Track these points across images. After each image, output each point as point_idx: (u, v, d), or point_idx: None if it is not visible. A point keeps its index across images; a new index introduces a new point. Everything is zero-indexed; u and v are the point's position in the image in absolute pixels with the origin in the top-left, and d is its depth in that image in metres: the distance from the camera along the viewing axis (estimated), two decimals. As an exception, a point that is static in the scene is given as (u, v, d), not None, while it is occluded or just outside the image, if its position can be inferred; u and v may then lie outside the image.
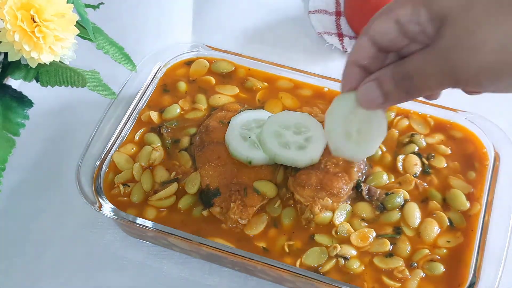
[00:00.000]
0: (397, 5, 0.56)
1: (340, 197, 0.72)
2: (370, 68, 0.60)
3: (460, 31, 0.52)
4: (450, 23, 0.53)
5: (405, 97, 0.58)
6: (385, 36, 0.57)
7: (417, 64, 0.56)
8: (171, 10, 1.05)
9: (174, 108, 0.82)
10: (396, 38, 0.57)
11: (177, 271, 0.75)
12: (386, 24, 0.57)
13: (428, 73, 0.55)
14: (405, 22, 0.55)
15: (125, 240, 0.78)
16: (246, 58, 0.87)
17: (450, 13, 0.53)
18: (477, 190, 0.74)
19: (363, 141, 0.66)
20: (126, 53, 0.73)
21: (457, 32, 0.52)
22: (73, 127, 0.89)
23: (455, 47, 0.52)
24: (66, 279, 0.75)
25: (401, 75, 0.57)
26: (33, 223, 0.79)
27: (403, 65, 0.57)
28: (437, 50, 0.54)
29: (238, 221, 0.71)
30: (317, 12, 1.03)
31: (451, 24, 0.53)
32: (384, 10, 0.57)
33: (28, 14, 0.59)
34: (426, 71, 0.55)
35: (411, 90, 0.57)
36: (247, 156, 0.72)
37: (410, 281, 0.67)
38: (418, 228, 0.71)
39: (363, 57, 0.60)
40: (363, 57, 0.60)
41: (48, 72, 0.64)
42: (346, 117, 0.65)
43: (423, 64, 0.55)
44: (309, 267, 0.68)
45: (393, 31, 0.56)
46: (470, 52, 0.51)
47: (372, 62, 0.60)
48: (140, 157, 0.77)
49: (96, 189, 0.73)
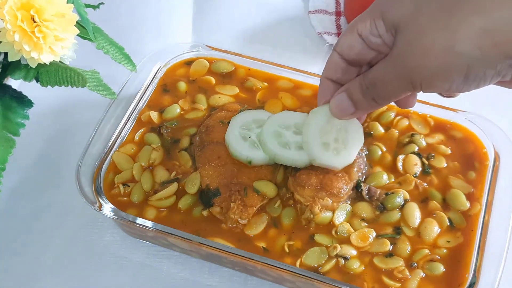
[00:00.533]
0: (359, 20, 0.61)
1: (340, 197, 0.72)
2: (342, 81, 0.65)
3: (410, 37, 0.56)
4: (402, 30, 0.57)
5: (374, 105, 0.62)
6: (351, 50, 0.62)
7: (378, 72, 0.60)
8: (171, 10, 1.05)
9: (174, 108, 0.82)
10: (362, 51, 0.62)
11: (177, 271, 0.75)
12: (350, 39, 0.62)
13: (388, 80, 0.59)
14: (366, 35, 0.60)
15: (125, 240, 0.78)
16: (246, 58, 0.87)
17: (401, 21, 0.57)
18: (477, 190, 0.74)
19: (342, 149, 0.71)
20: (126, 53, 0.73)
21: (408, 38, 0.56)
22: (73, 127, 0.89)
23: (407, 52, 0.56)
24: (66, 279, 0.75)
25: (366, 84, 0.61)
26: (33, 223, 0.80)
27: (368, 74, 0.61)
28: (393, 57, 0.58)
29: (238, 221, 0.71)
30: (317, 12, 1.03)
31: (402, 32, 0.57)
32: (349, 26, 0.62)
33: (28, 14, 0.59)
34: (386, 78, 0.59)
35: (377, 97, 0.61)
36: (247, 156, 0.72)
37: (410, 281, 0.67)
38: (418, 228, 0.71)
39: (334, 71, 0.65)
40: (334, 72, 0.65)
41: (48, 72, 0.64)
42: (323, 128, 0.70)
43: (383, 71, 0.59)
44: (309, 267, 0.68)
45: (357, 44, 0.61)
46: (420, 57, 0.55)
47: (344, 75, 0.65)
48: (140, 157, 0.77)
49: (96, 189, 0.73)
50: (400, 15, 0.57)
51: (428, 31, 0.54)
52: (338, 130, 0.70)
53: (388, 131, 0.79)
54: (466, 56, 0.52)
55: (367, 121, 0.80)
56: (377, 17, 0.59)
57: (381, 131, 0.79)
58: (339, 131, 0.70)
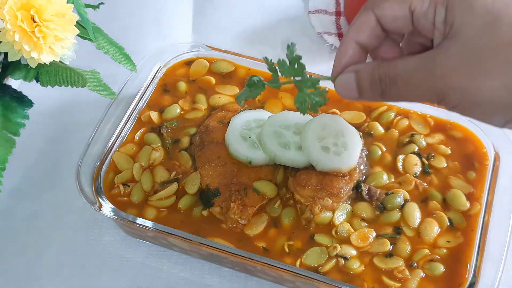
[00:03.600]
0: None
1: (340, 197, 0.72)
2: (369, 46, 0.59)
3: (467, 50, 0.50)
4: (461, 37, 0.51)
5: (380, 99, 0.57)
6: (393, 21, 0.55)
7: (406, 70, 0.53)
8: (171, 10, 1.05)
9: (174, 108, 0.82)
10: (404, 26, 0.55)
11: (177, 271, 0.75)
12: (398, 10, 0.55)
13: (414, 83, 0.53)
14: (419, 15, 0.54)
15: (125, 240, 0.78)
16: (246, 58, 0.87)
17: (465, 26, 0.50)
18: (477, 190, 0.74)
19: (342, 152, 0.71)
20: (126, 53, 0.73)
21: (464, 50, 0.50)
22: (73, 127, 0.89)
23: (456, 69, 0.50)
24: (66, 279, 0.75)
25: (379, 76, 0.55)
26: (33, 223, 0.80)
27: (389, 66, 0.55)
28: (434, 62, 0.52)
29: (238, 221, 0.71)
30: (317, 12, 1.03)
31: (461, 39, 0.50)
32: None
33: (28, 14, 0.59)
34: (412, 81, 0.53)
35: (389, 94, 0.56)
36: (247, 156, 0.72)
37: (410, 281, 0.67)
38: (418, 228, 0.71)
39: (365, 34, 0.57)
40: (365, 35, 0.58)
41: (48, 72, 0.64)
42: (319, 134, 0.71)
43: (412, 71, 0.53)
44: (309, 267, 0.68)
45: (403, 19, 0.55)
46: (471, 81, 0.49)
47: (373, 41, 0.58)
48: (140, 157, 0.77)
49: (96, 189, 0.73)
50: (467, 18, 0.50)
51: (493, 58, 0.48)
52: (335, 135, 0.72)
53: (388, 131, 0.79)
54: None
55: (367, 121, 0.80)
56: (440, 2, 0.52)
57: (381, 131, 0.79)
58: (336, 137, 0.72)
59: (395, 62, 0.54)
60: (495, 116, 0.51)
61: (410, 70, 0.53)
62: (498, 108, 0.50)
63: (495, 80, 0.49)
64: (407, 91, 0.54)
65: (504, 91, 0.48)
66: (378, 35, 0.57)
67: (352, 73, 0.58)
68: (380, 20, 0.56)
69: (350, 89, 0.58)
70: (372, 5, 0.56)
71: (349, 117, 0.80)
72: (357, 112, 0.81)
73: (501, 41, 0.49)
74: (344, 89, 0.59)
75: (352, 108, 0.81)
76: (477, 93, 0.49)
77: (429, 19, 0.53)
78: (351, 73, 0.58)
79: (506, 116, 0.50)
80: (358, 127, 0.78)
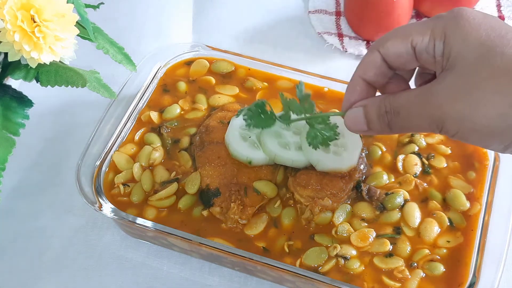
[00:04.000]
0: (416, 31, 0.56)
1: (340, 197, 0.72)
2: (376, 84, 0.61)
3: (462, 82, 0.52)
4: (456, 69, 0.53)
5: (388, 131, 0.59)
6: (397, 58, 0.58)
7: (408, 102, 0.56)
8: (171, 10, 1.05)
9: (174, 108, 0.82)
10: (409, 62, 0.58)
11: (177, 271, 0.75)
12: (401, 47, 0.57)
13: (414, 114, 0.55)
14: (421, 50, 0.56)
15: (125, 240, 0.78)
16: (246, 58, 0.87)
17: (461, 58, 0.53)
18: (477, 190, 0.74)
19: (342, 152, 0.71)
20: (126, 53, 0.73)
21: (459, 82, 0.52)
22: (73, 127, 0.89)
23: (452, 98, 0.52)
24: (66, 279, 0.75)
25: (387, 108, 0.58)
26: (33, 223, 0.80)
27: (394, 99, 0.57)
28: (431, 93, 0.54)
29: (238, 221, 0.71)
30: (317, 12, 1.03)
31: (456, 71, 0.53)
32: (401, 33, 0.57)
33: (28, 14, 0.59)
34: (413, 112, 0.55)
35: (394, 125, 0.58)
36: (247, 156, 0.72)
37: (410, 281, 0.67)
38: (418, 228, 0.71)
39: (371, 72, 0.60)
40: (371, 72, 0.60)
41: (48, 72, 0.64)
42: None
43: (413, 103, 0.56)
44: (309, 267, 0.68)
45: (407, 55, 0.57)
46: (466, 109, 0.51)
47: (380, 78, 0.60)
48: (140, 157, 0.77)
49: (96, 189, 0.73)
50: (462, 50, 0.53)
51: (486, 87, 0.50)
52: None
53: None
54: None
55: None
56: (438, 36, 0.54)
57: (381, 131, 0.79)
58: None
59: (399, 94, 0.57)
60: (492, 142, 0.53)
61: (410, 101, 0.56)
62: (494, 135, 0.52)
63: (488, 108, 0.51)
64: (410, 122, 0.56)
65: (497, 119, 0.50)
66: (384, 72, 0.60)
67: (360, 108, 0.60)
68: (385, 58, 0.58)
69: (359, 122, 0.61)
70: (377, 45, 0.59)
71: (349, 117, 0.80)
72: (357, 112, 0.81)
73: (493, 71, 0.51)
74: (353, 123, 0.61)
75: (352, 108, 0.81)
76: (472, 121, 0.51)
77: (430, 53, 0.55)
78: (359, 107, 0.61)
79: (503, 142, 0.52)
80: (358, 127, 0.78)
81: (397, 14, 0.93)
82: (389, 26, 0.94)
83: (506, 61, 0.51)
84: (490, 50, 0.51)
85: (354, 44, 0.98)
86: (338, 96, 0.83)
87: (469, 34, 0.53)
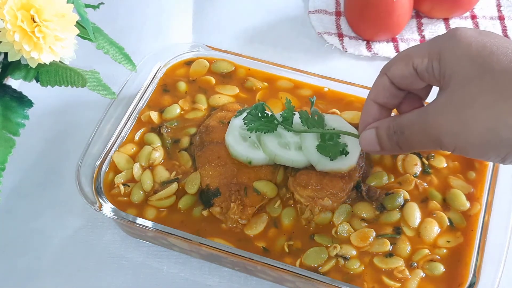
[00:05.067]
0: (416, 54, 0.60)
1: (340, 197, 0.72)
2: (389, 105, 0.65)
3: (454, 100, 0.55)
4: (450, 87, 0.56)
5: (398, 150, 0.62)
6: (403, 80, 0.62)
7: (410, 121, 0.60)
8: (171, 10, 1.05)
9: (174, 108, 0.82)
10: (414, 82, 0.61)
11: (177, 271, 0.75)
12: (404, 70, 0.61)
13: (416, 133, 0.59)
14: (422, 71, 0.59)
15: (125, 240, 0.78)
16: (246, 58, 0.87)
17: (454, 77, 0.56)
18: (477, 190, 0.74)
19: None
20: (126, 53, 0.73)
21: (452, 100, 0.55)
22: (73, 127, 0.89)
23: (445, 116, 0.55)
24: (66, 279, 0.75)
25: (393, 129, 0.61)
26: (33, 223, 0.80)
27: (398, 119, 0.61)
28: (428, 113, 0.57)
29: (238, 221, 0.71)
30: (317, 12, 1.03)
31: (450, 90, 0.56)
32: (403, 56, 0.61)
33: (28, 14, 0.59)
34: (415, 130, 0.59)
35: (402, 144, 0.61)
36: (247, 156, 0.72)
37: (410, 281, 0.67)
38: (418, 228, 0.71)
39: (382, 95, 0.64)
40: (382, 96, 0.64)
41: (48, 72, 0.64)
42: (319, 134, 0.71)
43: (414, 122, 0.59)
44: (309, 267, 0.68)
45: (411, 76, 0.61)
46: (459, 126, 0.54)
47: (391, 100, 0.64)
48: (140, 157, 0.77)
49: (96, 189, 0.73)
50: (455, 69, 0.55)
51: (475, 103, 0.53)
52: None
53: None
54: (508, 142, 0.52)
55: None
56: (435, 57, 0.57)
57: (381, 131, 0.79)
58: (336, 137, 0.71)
59: (404, 115, 0.61)
60: (490, 156, 0.55)
61: (411, 121, 0.59)
62: (489, 148, 0.54)
63: (478, 124, 0.53)
64: (414, 141, 0.60)
65: (487, 134, 0.53)
66: (394, 94, 0.64)
67: (373, 129, 0.64)
68: (393, 80, 0.62)
69: (372, 143, 0.64)
70: (385, 69, 0.63)
71: (349, 117, 0.80)
72: (357, 112, 0.81)
73: (483, 88, 0.53)
74: (367, 144, 0.65)
75: (352, 108, 0.81)
76: (466, 136, 0.54)
77: (430, 73, 0.59)
78: (372, 129, 0.64)
79: (499, 155, 0.54)
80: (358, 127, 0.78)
81: (397, 14, 0.93)
82: (389, 26, 0.95)
83: (496, 77, 0.53)
84: (480, 67, 0.54)
85: (354, 44, 0.98)
86: (338, 96, 0.83)
87: (461, 53, 0.55)
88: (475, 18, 1.01)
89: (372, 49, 0.97)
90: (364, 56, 0.97)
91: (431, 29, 1.00)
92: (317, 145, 0.71)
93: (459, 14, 1.00)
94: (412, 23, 1.01)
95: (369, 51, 0.97)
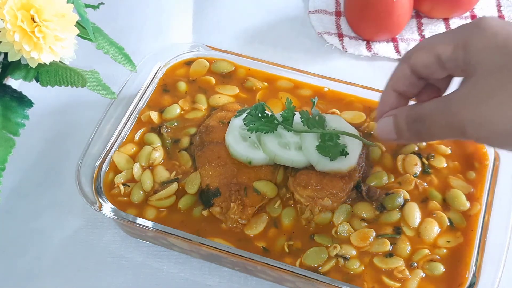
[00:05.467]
0: (440, 41, 0.59)
1: (340, 197, 0.72)
2: (408, 94, 0.64)
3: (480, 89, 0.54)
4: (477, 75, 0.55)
5: (416, 139, 0.62)
6: (425, 69, 0.60)
7: (432, 110, 0.58)
8: (171, 10, 1.05)
9: (174, 108, 0.82)
10: (435, 71, 0.60)
11: (177, 271, 0.75)
12: (427, 59, 0.60)
13: (438, 122, 0.58)
14: (446, 59, 0.58)
15: (125, 240, 0.78)
16: (246, 58, 0.87)
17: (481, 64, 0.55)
18: (477, 190, 0.74)
19: None
20: (126, 53, 0.73)
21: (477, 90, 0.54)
22: (73, 127, 0.89)
23: (470, 103, 0.54)
24: (66, 279, 0.75)
25: (413, 118, 0.60)
26: (33, 223, 0.80)
27: (420, 109, 0.60)
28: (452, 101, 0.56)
29: (238, 221, 0.71)
30: (317, 12, 1.03)
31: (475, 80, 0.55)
32: (426, 44, 0.60)
33: (28, 14, 0.59)
34: (437, 120, 0.58)
35: (422, 134, 0.60)
36: (247, 156, 0.72)
37: (410, 281, 0.67)
38: (418, 228, 0.71)
39: (402, 84, 0.63)
40: (402, 84, 0.63)
41: (48, 72, 0.64)
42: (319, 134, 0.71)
43: (435, 111, 0.58)
44: (309, 267, 0.68)
45: (434, 65, 0.59)
46: (486, 113, 0.53)
47: (411, 89, 0.63)
48: (140, 157, 0.77)
49: (96, 189, 0.73)
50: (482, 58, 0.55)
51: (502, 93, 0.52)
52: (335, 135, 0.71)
53: (388, 131, 0.79)
54: None
55: (367, 121, 0.80)
56: (460, 46, 0.56)
57: (381, 131, 0.79)
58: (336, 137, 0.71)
59: (425, 103, 0.59)
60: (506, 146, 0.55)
61: (433, 109, 0.58)
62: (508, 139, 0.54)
63: (504, 114, 0.52)
64: (435, 129, 0.59)
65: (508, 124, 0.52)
66: (414, 83, 0.62)
67: (391, 117, 0.63)
68: (414, 69, 0.61)
69: (388, 132, 0.63)
70: (405, 58, 0.62)
71: (349, 117, 0.80)
72: (357, 112, 0.81)
73: (510, 78, 0.52)
74: (383, 132, 0.64)
75: (352, 108, 0.81)
76: (491, 126, 0.53)
77: (454, 62, 0.57)
78: (389, 117, 0.63)
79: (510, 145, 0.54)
80: (358, 127, 0.78)
81: (397, 14, 0.93)
82: (389, 26, 0.95)
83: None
84: (507, 57, 0.53)
85: (354, 44, 0.98)
86: (338, 96, 0.83)
87: (488, 42, 0.54)
88: (475, 18, 1.01)
89: (372, 49, 0.97)
90: (364, 56, 0.97)
91: (431, 29, 1.00)
92: (317, 145, 0.71)
93: (459, 14, 1.00)
94: (412, 23, 1.01)
95: (369, 51, 0.97)
